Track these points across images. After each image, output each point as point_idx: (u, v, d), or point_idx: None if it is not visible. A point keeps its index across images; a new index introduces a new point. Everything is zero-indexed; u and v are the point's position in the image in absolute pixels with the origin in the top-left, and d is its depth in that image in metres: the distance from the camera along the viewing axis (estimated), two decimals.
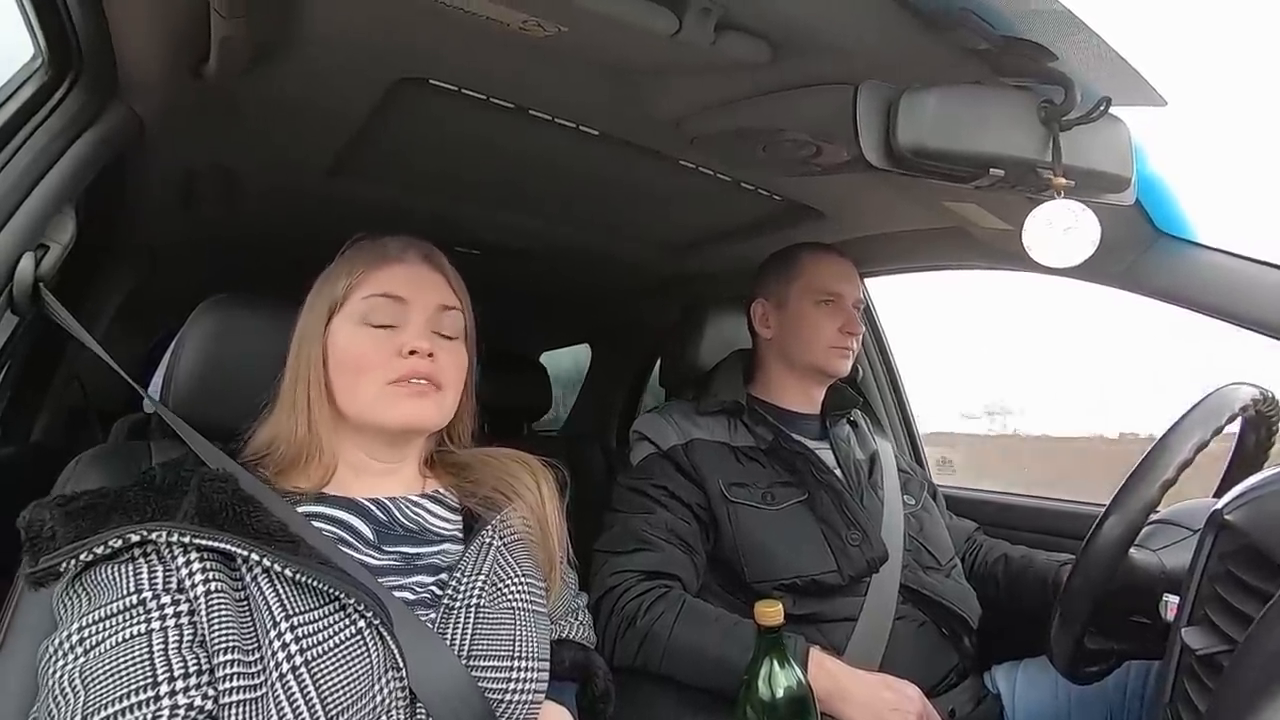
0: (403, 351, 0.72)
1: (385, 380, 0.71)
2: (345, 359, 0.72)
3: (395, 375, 0.71)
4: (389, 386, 0.71)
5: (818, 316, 1.14)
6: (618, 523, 1.05)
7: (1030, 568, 1.12)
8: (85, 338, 0.78)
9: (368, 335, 0.73)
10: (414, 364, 0.72)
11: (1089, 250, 0.68)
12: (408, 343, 0.72)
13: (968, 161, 0.66)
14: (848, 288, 1.16)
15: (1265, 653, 0.49)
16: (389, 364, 0.71)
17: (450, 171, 1.14)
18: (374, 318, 0.73)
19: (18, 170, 0.74)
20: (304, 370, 0.73)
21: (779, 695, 0.70)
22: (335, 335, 0.73)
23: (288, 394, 0.74)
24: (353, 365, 0.72)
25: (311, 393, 0.73)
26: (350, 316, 0.74)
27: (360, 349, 0.72)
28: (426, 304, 0.75)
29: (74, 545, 0.58)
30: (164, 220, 1.29)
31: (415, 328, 0.73)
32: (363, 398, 0.72)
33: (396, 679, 0.62)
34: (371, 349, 0.72)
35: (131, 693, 0.54)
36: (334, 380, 0.73)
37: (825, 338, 1.13)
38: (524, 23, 0.70)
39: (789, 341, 1.16)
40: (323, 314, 0.74)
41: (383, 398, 0.71)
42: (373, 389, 0.71)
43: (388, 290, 0.73)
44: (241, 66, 0.78)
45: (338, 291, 0.74)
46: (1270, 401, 0.83)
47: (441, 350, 0.74)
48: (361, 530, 0.72)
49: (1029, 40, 0.63)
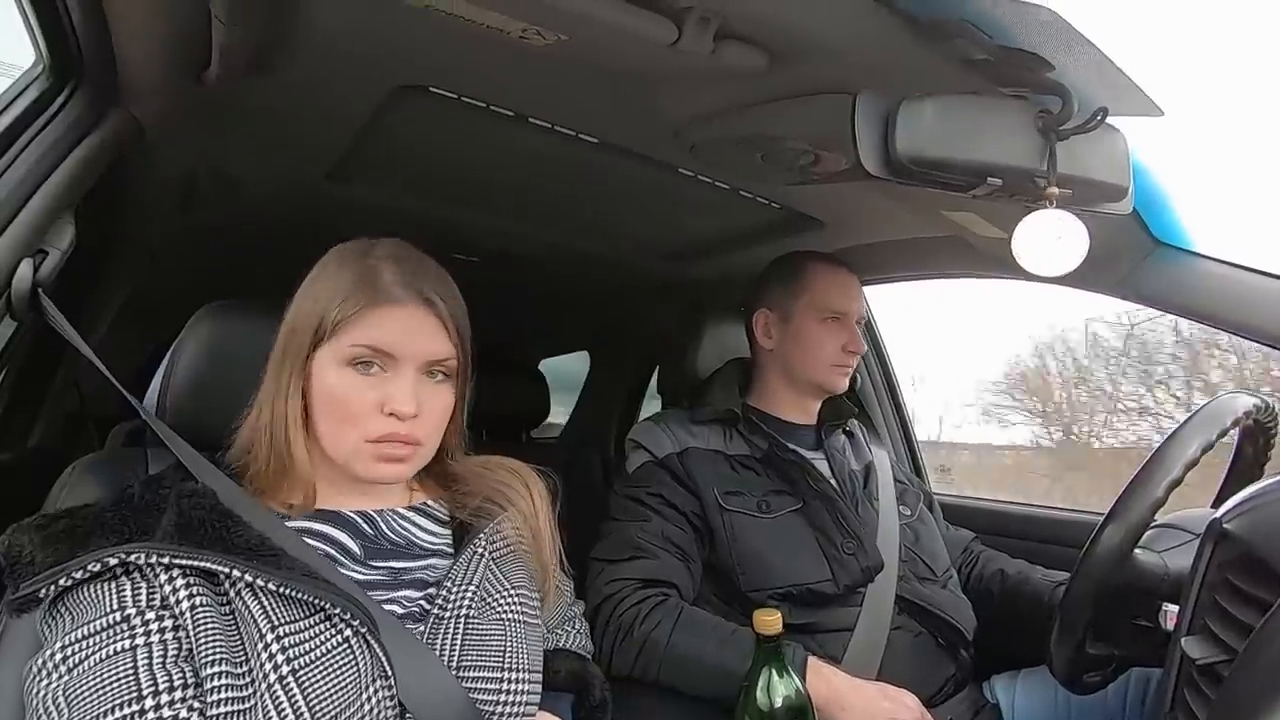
0: (384, 409, 0.68)
1: (364, 437, 0.68)
2: (328, 400, 0.69)
3: (374, 435, 0.68)
4: (366, 444, 0.68)
5: (822, 334, 1.13)
6: (614, 531, 1.04)
7: (1026, 584, 1.11)
8: (81, 345, 0.78)
9: (353, 382, 0.68)
10: (394, 426, 0.68)
11: (1077, 260, 0.68)
12: (391, 401, 0.68)
13: (965, 170, 0.67)
14: (853, 305, 1.15)
15: (1265, 662, 0.49)
16: (370, 419, 0.68)
17: (449, 178, 1.14)
18: (361, 365, 0.69)
19: (18, 176, 0.74)
20: (283, 388, 0.70)
21: (777, 704, 0.69)
22: (321, 369, 0.69)
23: (265, 405, 0.71)
24: (335, 410, 0.69)
25: (290, 416, 0.69)
26: (337, 355, 0.68)
27: (344, 395, 0.68)
28: (418, 356, 0.70)
29: (52, 571, 0.58)
30: (163, 226, 1.29)
31: (403, 381, 0.69)
32: (340, 446, 0.69)
33: (385, 688, 0.62)
34: (355, 396, 0.68)
35: (118, 707, 0.53)
36: (315, 413, 0.70)
37: (828, 355, 1.13)
38: (524, 31, 0.70)
39: (790, 355, 1.15)
40: (308, 334, 0.69)
41: (359, 454, 0.69)
42: (350, 442, 0.68)
43: (377, 344, 0.68)
44: (242, 73, 0.78)
45: (328, 317, 0.68)
46: (1268, 411, 0.83)
47: (427, 401, 0.70)
48: (348, 544, 0.71)
49: (1027, 51, 0.63)
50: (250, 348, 0.79)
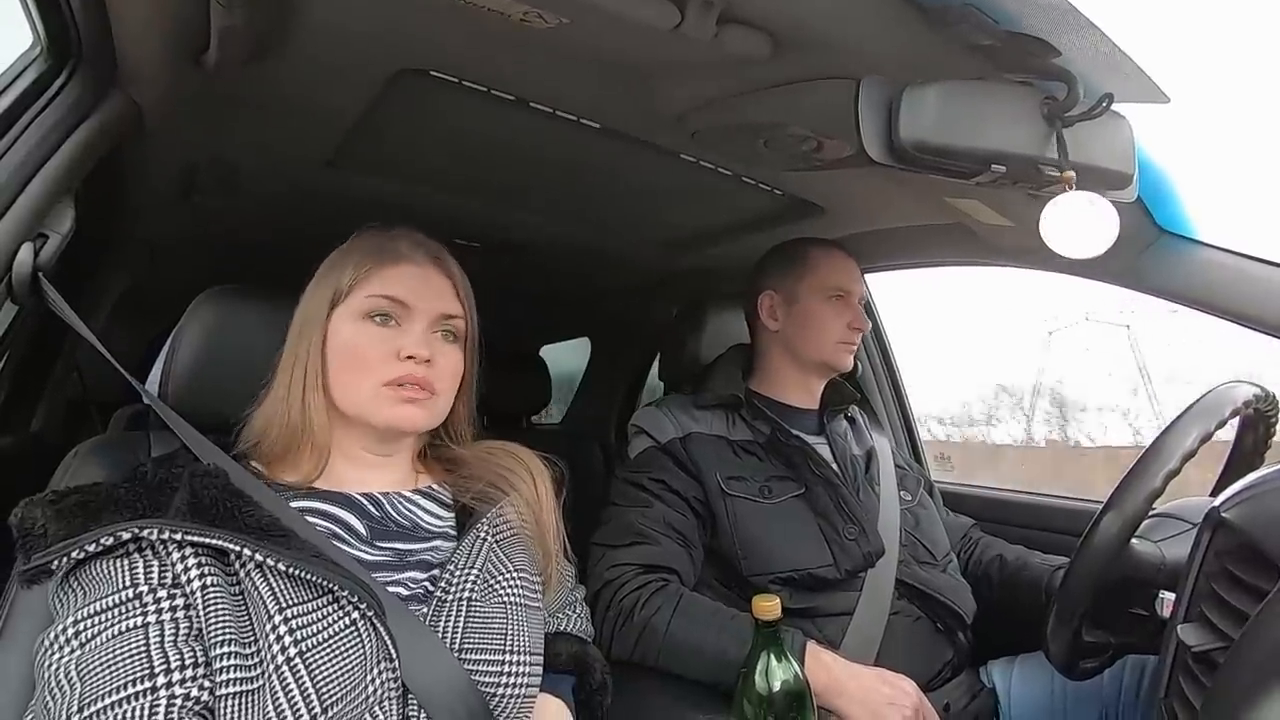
0: (400, 355, 0.72)
1: (381, 381, 0.72)
2: (345, 353, 0.73)
3: (391, 377, 0.72)
4: (384, 388, 0.72)
5: (828, 313, 1.15)
6: (615, 516, 1.05)
7: (1025, 569, 1.12)
8: (82, 329, 0.78)
9: (368, 332, 0.73)
10: (410, 368, 0.72)
11: (1109, 241, 0.67)
12: (406, 347, 0.72)
13: (969, 157, 0.66)
14: (855, 285, 1.17)
15: (1260, 649, 0.50)
16: (386, 365, 0.72)
17: (451, 164, 1.14)
18: (377, 316, 0.74)
19: (17, 159, 0.73)
20: (302, 356, 0.73)
21: (776, 689, 0.70)
22: (337, 326, 0.74)
23: (283, 378, 0.74)
24: (352, 361, 0.73)
25: (308, 380, 0.73)
26: (353, 310, 0.74)
27: (360, 345, 0.73)
28: (430, 310, 0.75)
29: (65, 543, 0.58)
30: (163, 212, 1.29)
31: (416, 332, 0.74)
32: (357, 394, 0.72)
33: (389, 670, 0.63)
34: (370, 347, 0.72)
35: (128, 684, 0.54)
36: (331, 371, 0.73)
37: (835, 333, 1.15)
38: (525, 14, 0.70)
39: (797, 336, 1.16)
40: (325, 302, 0.74)
41: (376, 398, 0.72)
42: (368, 387, 0.72)
43: (393, 294, 0.74)
44: (241, 57, 0.77)
45: (343, 282, 0.74)
46: (1268, 400, 0.84)
47: (439, 355, 0.75)
48: (354, 525, 0.72)
49: (1032, 36, 0.62)
50: (252, 333, 0.79)
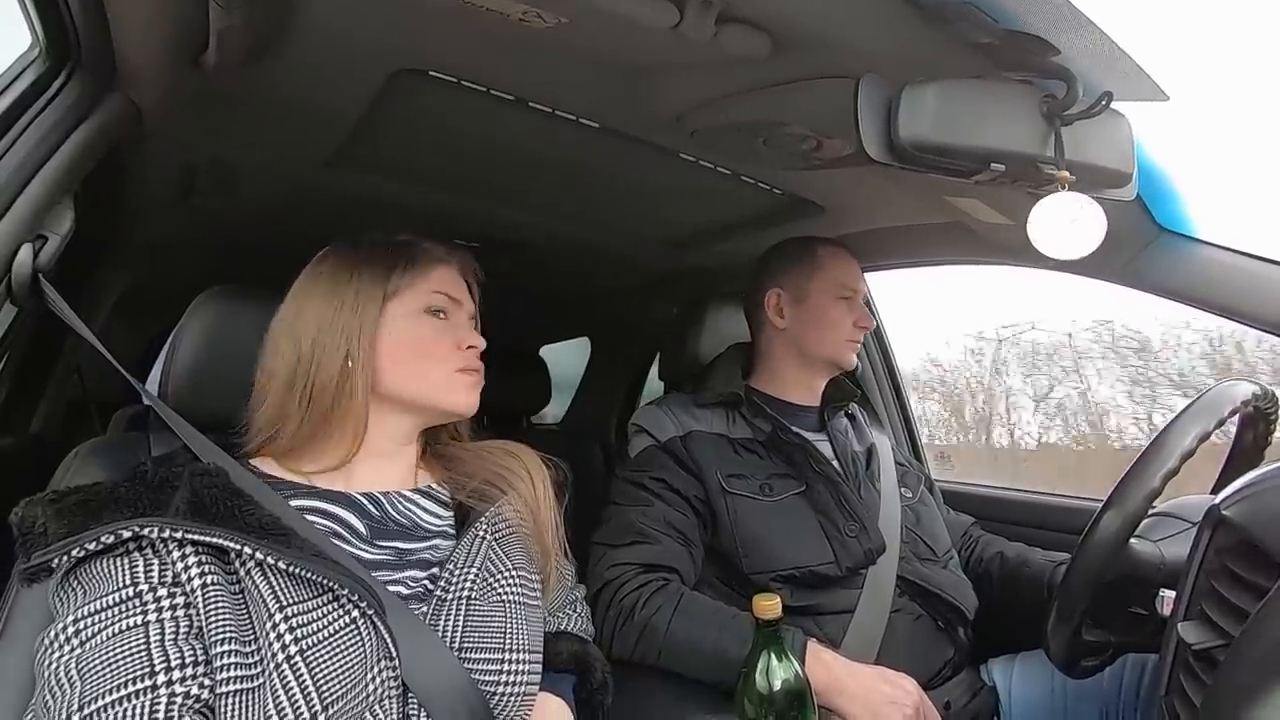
0: (461, 345, 0.79)
1: (453, 368, 0.78)
2: (407, 345, 0.77)
3: (460, 365, 0.79)
4: (457, 374, 0.78)
5: (838, 311, 1.16)
6: (616, 515, 1.05)
7: (1025, 566, 1.12)
8: (82, 329, 0.78)
9: (430, 325, 0.78)
10: (472, 357, 0.80)
11: (1094, 244, 0.67)
12: (465, 338, 0.80)
13: (968, 156, 0.66)
14: (861, 284, 1.19)
15: (1261, 647, 0.50)
16: (452, 354, 0.78)
17: (450, 164, 1.14)
18: (438, 312, 0.79)
19: (16, 160, 0.73)
20: (341, 347, 0.74)
21: (776, 688, 0.70)
22: (392, 321, 0.76)
23: (303, 374, 0.73)
24: (417, 351, 0.77)
25: (355, 371, 0.74)
26: (411, 306, 0.78)
27: (423, 338, 0.77)
28: (469, 305, 0.83)
29: (66, 541, 0.59)
30: (162, 212, 1.29)
31: (466, 325, 0.82)
32: (428, 381, 0.77)
33: (389, 669, 0.63)
34: (434, 340, 0.78)
35: (128, 682, 0.54)
36: (387, 363, 0.75)
37: (844, 331, 1.16)
38: (524, 14, 0.70)
39: (806, 334, 1.17)
40: (376, 299, 0.76)
41: (450, 383, 0.78)
42: (441, 374, 0.78)
43: (449, 291, 0.80)
44: (240, 57, 0.77)
45: (391, 281, 0.77)
46: (1268, 398, 0.84)
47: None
48: (354, 524, 0.72)
49: (1031, 34, 0.62)
50: (251, 333, 0.79)
